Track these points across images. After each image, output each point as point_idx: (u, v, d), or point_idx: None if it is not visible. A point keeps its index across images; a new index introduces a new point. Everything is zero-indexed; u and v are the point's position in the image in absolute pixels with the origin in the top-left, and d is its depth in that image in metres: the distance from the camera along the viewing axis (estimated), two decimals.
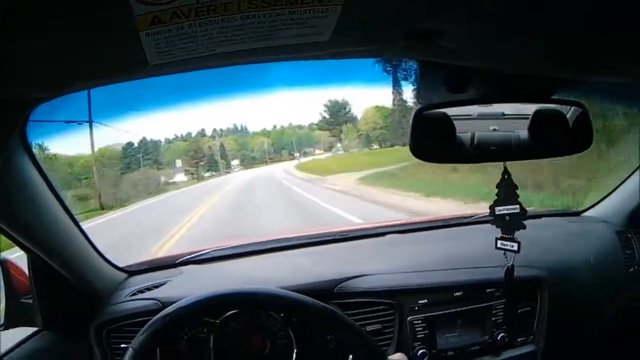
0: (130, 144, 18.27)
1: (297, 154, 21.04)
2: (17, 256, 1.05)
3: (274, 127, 22.16)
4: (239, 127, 21.87)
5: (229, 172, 20.38)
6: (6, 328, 0.98)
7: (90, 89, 0.66)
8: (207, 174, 20.06)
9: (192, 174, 19.68)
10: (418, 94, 0.79)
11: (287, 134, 21.90)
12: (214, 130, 21.38)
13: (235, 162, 20.99)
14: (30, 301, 1.00)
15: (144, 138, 18.48)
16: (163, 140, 20.10)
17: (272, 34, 0.51)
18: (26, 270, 1.00)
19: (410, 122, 0.77)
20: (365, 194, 8.46)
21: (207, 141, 20.88)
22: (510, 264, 0.95)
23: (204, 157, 20.25)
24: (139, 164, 17.59)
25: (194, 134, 20.78)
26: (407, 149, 0.78)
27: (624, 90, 0.87)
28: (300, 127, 22.27)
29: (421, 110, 0.76)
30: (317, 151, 20.79)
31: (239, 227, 6.09)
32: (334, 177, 12.38)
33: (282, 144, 21.69)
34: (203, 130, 21.07)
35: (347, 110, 20.30)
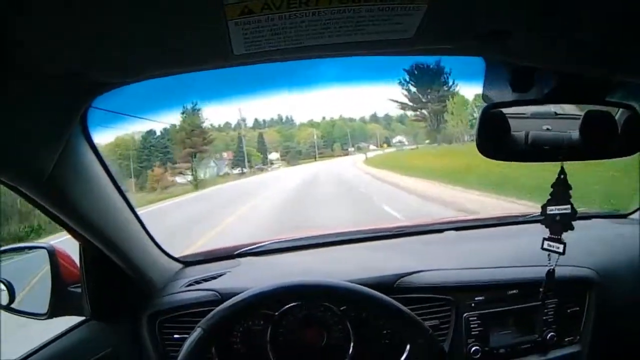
0: (150, 132, 16.50)
1: (351, 149, 20.31)
2: (60, 241, 1.16)
3: (323, 118, 21.41)
4: (284, 118, 20.92)
5: (262, 171, 17.32)
6: (49, 317, 1.09)
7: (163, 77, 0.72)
8: (236, 172, 16.28)
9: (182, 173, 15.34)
10: (483, 93, 0.89)
11: (338, 125, 21.42)
12: (255, 120, 20.53)
13: (274, 156, 19.27)
14: (78, 290, 1.10)
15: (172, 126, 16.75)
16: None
17: (359, 29, 0.58)
18: (75, 259, 1.11)
19: (478, 119, 0.87)
20: None
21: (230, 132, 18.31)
22: (552, 267, 1.02)
23: (208, 145, 16.08)
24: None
25: (232, 125, 19.80)
26: None
27: None
28: (351, 119, 21.53)
29: (488, 109, 0.86)
30: (371, 146, 20.40)
31: None
32: None
33: (334, 137, 20.92)
34: (244, 119, 19.96)
35: (443, 78, 15.25)
